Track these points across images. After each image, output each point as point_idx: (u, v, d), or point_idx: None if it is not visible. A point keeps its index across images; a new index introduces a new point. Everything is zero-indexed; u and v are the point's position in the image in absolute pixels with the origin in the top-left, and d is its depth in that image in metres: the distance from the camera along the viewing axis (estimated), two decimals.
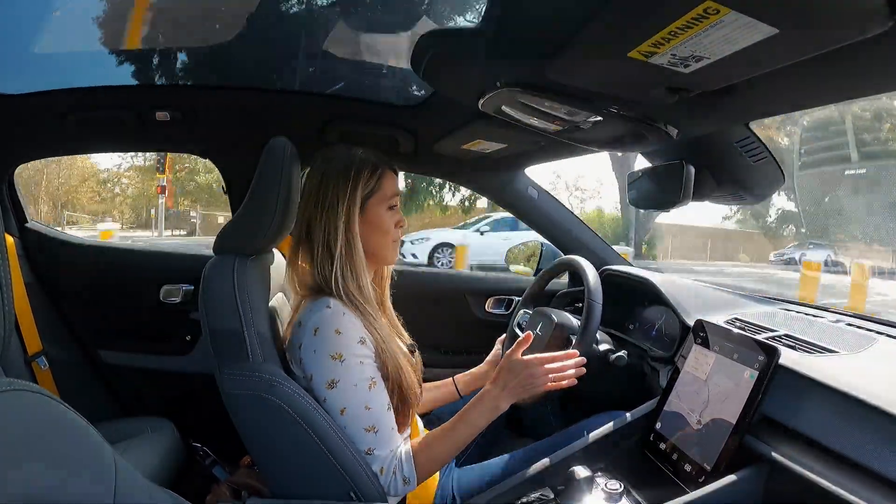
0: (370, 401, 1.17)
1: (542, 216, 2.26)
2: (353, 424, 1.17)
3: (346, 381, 1.16)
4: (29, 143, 2.02)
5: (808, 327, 1.34)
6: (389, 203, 1.30)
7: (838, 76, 0.85)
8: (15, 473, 0.52)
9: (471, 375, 1.71)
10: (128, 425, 1.86)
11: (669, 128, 1.22)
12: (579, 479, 1.02)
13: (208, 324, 1.23)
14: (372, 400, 1.18)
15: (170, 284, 2.15)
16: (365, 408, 1.17)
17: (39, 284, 2.10)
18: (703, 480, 1.04)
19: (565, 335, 1.54)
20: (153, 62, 2.02)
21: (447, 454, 1.26)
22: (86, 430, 0.66)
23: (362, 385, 1.17)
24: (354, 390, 1.16)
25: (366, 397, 1.17)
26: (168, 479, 1.69)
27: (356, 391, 1.16)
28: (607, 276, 1.97)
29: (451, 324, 2.36)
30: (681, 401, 1.21)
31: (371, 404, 1.17)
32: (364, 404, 1.17)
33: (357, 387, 1.16)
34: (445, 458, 1.27)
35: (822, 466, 0.90)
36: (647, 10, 0.66)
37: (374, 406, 1.18)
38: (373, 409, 1.17)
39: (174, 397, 2.22)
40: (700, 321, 1.28)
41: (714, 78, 0.87)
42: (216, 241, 1.31)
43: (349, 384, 1.16)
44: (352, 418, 1.16)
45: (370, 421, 1.17)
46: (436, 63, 1.09)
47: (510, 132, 1.54)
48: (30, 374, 1.90)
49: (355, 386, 1.16)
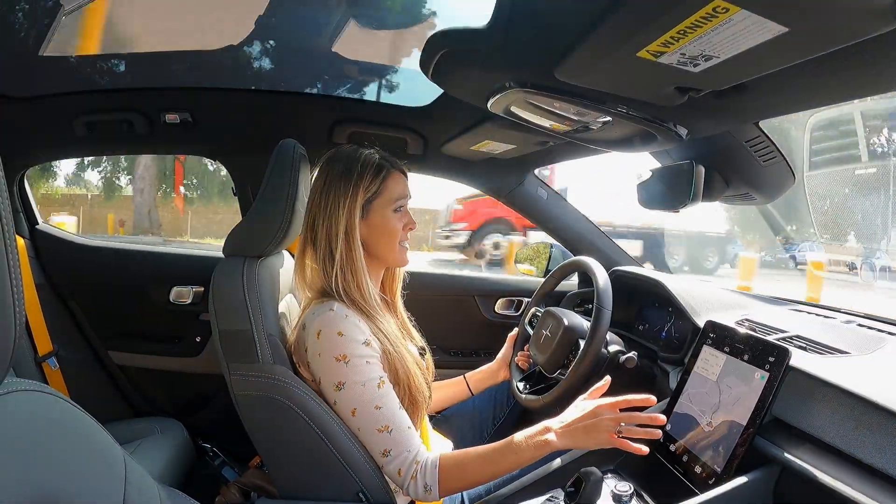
0: (380, 400, 1.16)
1: (551, 217, 2.26)
2: (366, 426, 1.16)
3: (353, 382, 1.15)
4: (39, 145, 2.03)
5: (818, 328, 1.33)
6: (395, 205, 1.29)
7: (847, 75, 0.85)
8: (25, 473, 0.52)
9: (482, 373, 1.71)
10: (137, 426, 1.88)
11: (679, 128, 1.21)
12: (589, 480, 1.02)
13: (218, 325, 1.23)
14: (382, 399, 1.17)
15: (180, 286, 2.16)
16: (375, 407, 1.16)
17: (50, 286, 2.11)
18: (713, 482, 1.03)
19: (574, 338, 1.53)
20: (163, 65, 2.03)
21: (481, 478, 1.19)
22: (95, 431, 0.66)
23: (370, 384, 1.16)
24: (362, 390, 1.15)
25: (374, 396, 1.16)
26: (177, 479, 1.70)
27: (364, 391, 1.16)
28: (617, 277, 1.97)
29: (460, 325, 2.36)
30: (691, 402, 1.20)
31: (381, 403, 1.16)
32: (374, 404, 1.16)
33: (365, 386, 1.16)
34: (478, 481, 1.20)
35: (833, 469, 0.89)
36: (657, 9, 0.66)
37: (384, 405, 1.17)
38: (383, 408, 1.16)
39: (184, 398, 2.23)
40: (710, 322, 1.27)
41: (723, 77, 0.86)
42: (226, 242, 1.32)
43: (356, 384, 1.15)
44: (363, 419, 1.16)
45: (382, 421, 1.16)
46: (444, 64, 1.09)
47: (519, 133, 1.54)
48: (40, 374, 1.92)
49: (363, 385, 1.16)
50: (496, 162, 1.99)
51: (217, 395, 2.18)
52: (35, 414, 0.58)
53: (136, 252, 2.26)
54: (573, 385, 1.43)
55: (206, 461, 1.71)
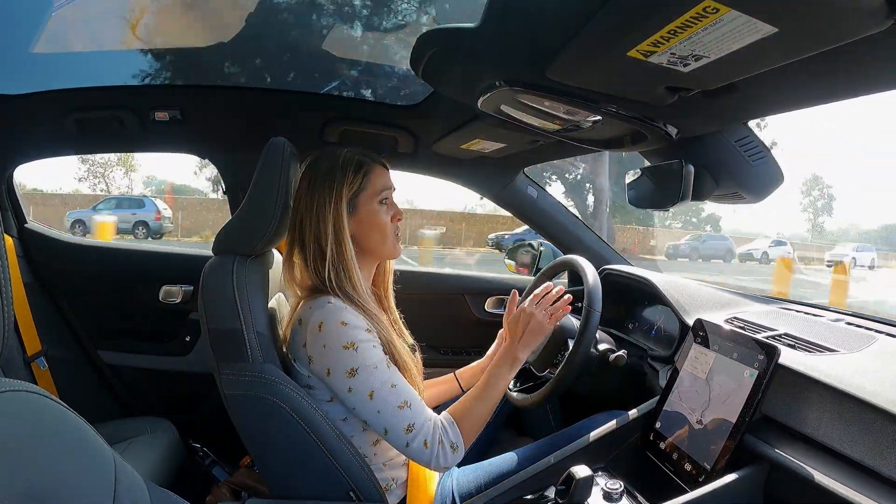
0: (393, 378, 1.18)
1: (541, 215, 2.27)
2: (386, 406, 1.16)
3: (366, 365, 1.16)
4: (28, 143, 2.02)
5: (807, 326, 1.34)
6: (380, 197, 1.30)
7: (837, 75, 0.85)
8: (13, 473, 0.52)
9: (472, 369, 1.71)
10: (127, 425, 1.87)
11: (669, 127, 1.22)
12: (579, 478, 1.02)
13: (208, 324, 1.23)
14: (394, 377, 1.18)
15: (169, 285, 2.15)
16: (391, 386, 1.17)
17: (39, 285, 2.10)
18: (702, 480, 1.04)
19: (564, 336, 1.54)
20: (152, 62, 2.02)
21: (486, 412, 1.28)
22: (85, 431, 0.66)
23: (381, 366, 1.17)
24: (376, 372, 1.16)
25: (388, 375, 1.17)
26: (167, 479, 1.69)
27: (378, 372, 1.16)
28: (607, 276, 1.98)
29: (450, 323, 2.37)
30: (681, 400, 1.21)
31: (395, 381, 1.18)
32: (390, 382, 1.17)
33: (378, 368, 1.16)
34: (485, 418, 1.28)
35: (821, 466, 0.90)
36: (647, 9, 0.66)
37: (398, 382, 1.18)
38: (398, 385, 1.18)
39: (174, 397, 2.22)
40: (699, 320, 1.28)
41: (713, 77, 0.86)
42: (216, 241, 1.31)
43: (370, 367, 1.16)
44: (382, 400, 1.16)
45: (401, 397, 1.17)
46: (435, 62, 1.09)
47: (509, 132, 1.54)
48: (29, 374, 1.90)
49: (376, 368, 1.16)
50: (487, 161, 1.99)
51: (207, 395, 2.17)
52: (24, 414, 0.58)
53: (125, 251, 2.25)
54: (563, 383, 1.43)
55: (197, 461, 1.70)
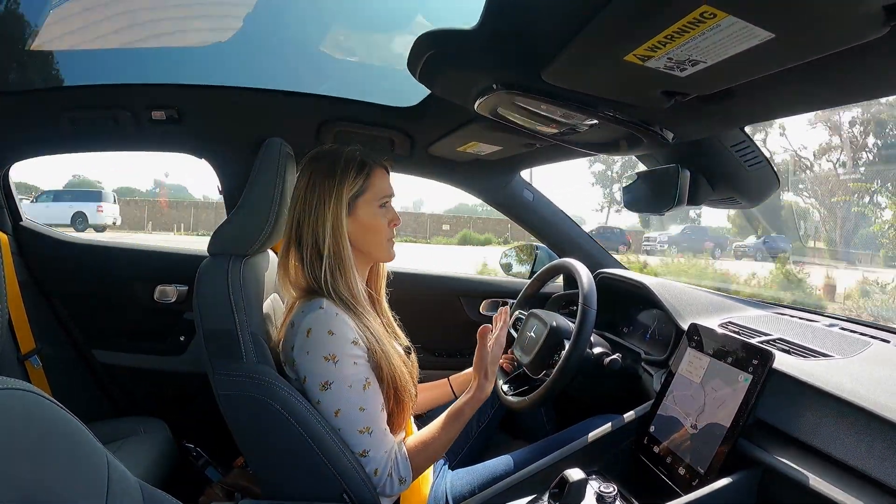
0: (364, 402, 1.17)
1: (537, 219, 2.27)
2: (348, 426, 1.16)
3: (340, 383, 1.15)
4: (23, 141, 2.01)
5: (801, 331, 1.35)
6: (380, 201, 1.30)
7: (834, 81, 0.85)
8: (5, 471, 0.52)
9: (465, 376, 1.71)
10: (121, 425, 1.86)
11: (665, 131, 1.22)
12: (573, 481, 1.02)
13: (202, 324, 1.22)
14: (366, 401, 1.17)
15: (164, 284, 2.14)
16: (359, 409, 1.16)
17: (33, 283, 2.09)
18: (696, 484, 1.04)
19: (559, 339, 1.54)
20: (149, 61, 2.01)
21: (443, 447, 1.30)
22: (78, 430, 0.66)
23: (357, 386, 1.16)
24: (349, 391, 1.16)
25: (360, 398, 1.17)
26: (161, 479, 1.69)
27: (350, 392, 1.16)
28: (602, 279, 1.98)
29: (445, 326, 2.37)
30: (675, 404, 1.21)
31: (365, 405, 1.17)
32: (358, 406, 1.16)
33: (351, 388, 1.16)
34: (441, 453, 1.31)
35: (815, 470, 0.90)
36: (644, 14, 0.66)
37: (368, 407, 1.17)
38: (367, 410, 1.17)
39: (168, 397, 2.21)
40: (694, 325, 1.28)
41: (710, 82, 0.87)
42: (211, 241, 1.31)
43: (343, 385, 1.15)
44: (346, 420, 1.16)
45: (365, 422, 1.17)
46: (432, 65, 1.09)
47: (506, 135, 1.54)
48: (23, 372, 1.89)
49: (350, 387, 1.16)
50: (483, 163, 1.99)
51: (201, 395, 2.16)
52: (17, 412, 0.57)
53: (120, 250, 2.24)
54: (557, 386, 1.43)
55: (190, 461, 1.69)
